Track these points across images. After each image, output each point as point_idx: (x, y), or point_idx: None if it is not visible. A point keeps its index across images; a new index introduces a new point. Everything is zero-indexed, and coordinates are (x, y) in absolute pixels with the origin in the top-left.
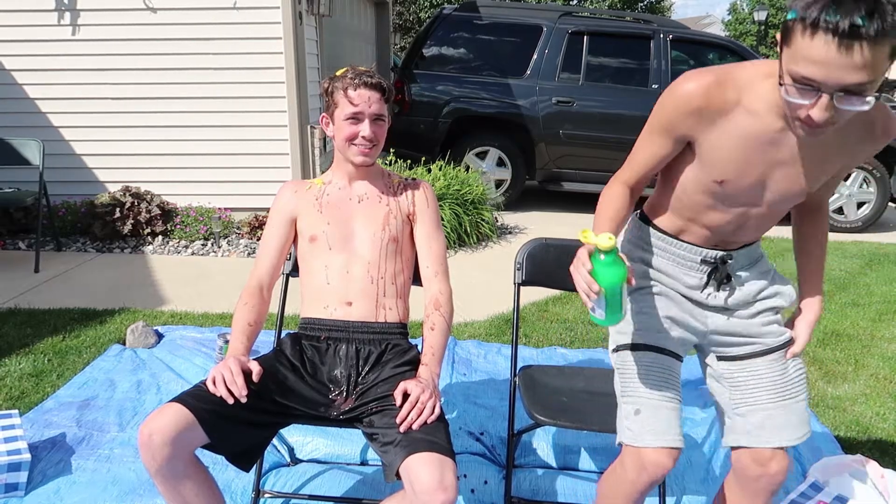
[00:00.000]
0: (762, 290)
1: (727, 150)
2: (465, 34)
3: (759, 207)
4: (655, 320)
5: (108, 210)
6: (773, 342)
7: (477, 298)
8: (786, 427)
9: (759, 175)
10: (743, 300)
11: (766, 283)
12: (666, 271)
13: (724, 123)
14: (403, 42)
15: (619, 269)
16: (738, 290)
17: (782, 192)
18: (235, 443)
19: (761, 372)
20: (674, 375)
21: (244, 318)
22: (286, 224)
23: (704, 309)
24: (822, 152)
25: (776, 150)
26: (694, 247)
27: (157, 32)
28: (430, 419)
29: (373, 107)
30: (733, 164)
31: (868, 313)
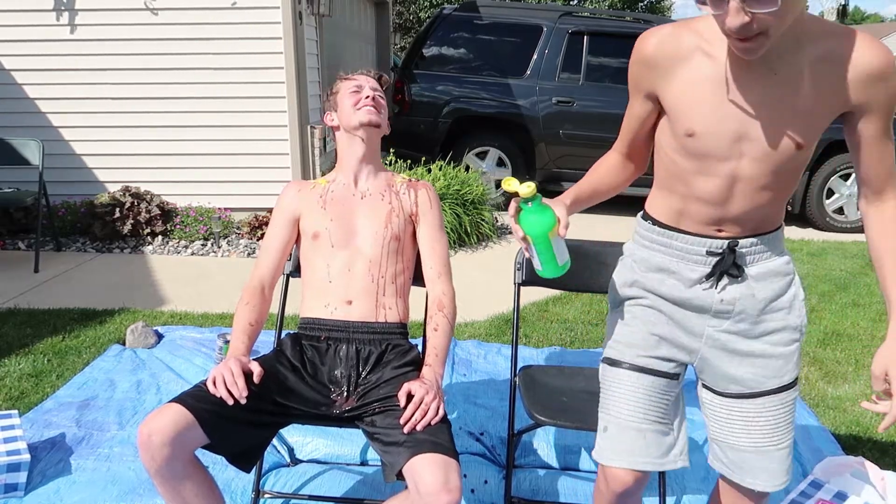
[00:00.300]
0: (775, 298)
1: (690, 98)
2: (465, 34)
3: (745, 166)
4: (639, 337)
5: (108, 210)
6: (772, 384)
7: (477, 298)
8: (762, 472)
9: (732, 124)
10: (750, 308)
11: (781, 289)
12: (668, 268)
13: (682, 71)
14: (403, 42)
15: (543, 218)
16: (745, 290)
17: (764, 144)
18: (235, 443)
19: (749, 415)
20: (655, 396)
21: (245, 317)
22: (289, 223)
23: (703, 315)
24: (793, 92)
25: (742, 93)
26: (698, 238)
27: (157, 32)
28: (434, 420)
29: (371, 82)
30: (699, 113)
31: (868, 313)
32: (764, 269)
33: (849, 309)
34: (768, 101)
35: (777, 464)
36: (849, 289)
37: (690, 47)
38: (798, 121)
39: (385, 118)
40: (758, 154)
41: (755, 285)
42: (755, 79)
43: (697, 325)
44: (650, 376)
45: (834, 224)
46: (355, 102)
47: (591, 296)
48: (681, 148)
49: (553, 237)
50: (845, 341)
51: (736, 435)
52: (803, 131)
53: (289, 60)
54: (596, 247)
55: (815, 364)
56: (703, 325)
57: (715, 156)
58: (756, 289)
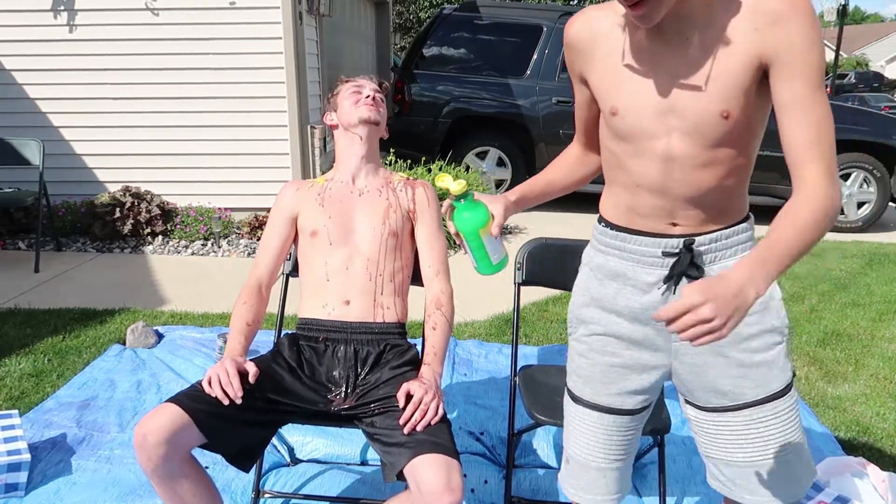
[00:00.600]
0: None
1: (611, 76)
2: (465, 34)
3: (676, 143)
4: (598, 371)
5: (108, 210)
6: (756, 394)
7: (477, 298)
8: (763, 488)
9: (654, 98)
10: None
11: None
12: (624, 273)
13: (602, 50)
14: (403, 42)
15: (475, 215)
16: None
17: (689, 116)
18: (233, 442)
19: (737, 429)
20: (618, 434)
21: (242, 317)
22: (287, 223)
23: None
24: (709, 56)
25: (659, 64)
26: (652, 238)
27: (157, 32)
28: (434, 420)
29: (372, 85)
30: (620, 90)
31: (868, 313)
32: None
33: (849, 309)
34: (685, 70)
35: (778, 478)
36: (849, 289)
37: (608, 25)
38: (718, 86)
39: (384, 119)
40: (686, 128)
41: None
42: (671, 48)
43: (662, 339)
44: (611, 416)
45: (834, 224)
46: (356, 101)
47: None
48: (610, 131)
49: (485, 235)
50: (845, 341)
51: (727, 450)
52: (725, 97)
53: (289, 60)
54: None
55: (815, 364)
56: (669, 337)
57: (643, 134)
58: None
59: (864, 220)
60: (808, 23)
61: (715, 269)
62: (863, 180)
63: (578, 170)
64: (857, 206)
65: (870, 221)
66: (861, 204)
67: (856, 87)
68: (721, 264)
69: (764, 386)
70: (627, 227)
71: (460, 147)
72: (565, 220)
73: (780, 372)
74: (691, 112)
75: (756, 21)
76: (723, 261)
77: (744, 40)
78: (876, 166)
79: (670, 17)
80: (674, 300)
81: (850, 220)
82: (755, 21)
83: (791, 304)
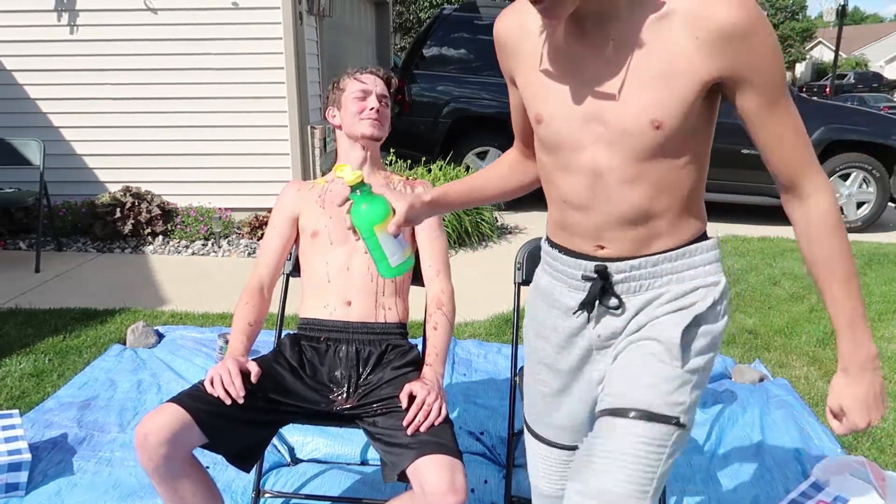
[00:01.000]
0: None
1: (535, 79)
2: (465, 34)
3: (602, 154)
4: (541, 405)
5: (109, 210)
6: (609, 402)
7: (477, 298)
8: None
9: (577, 103)
10: (612, 334)
11: (677, 331)
12: (552, 293)
13: (528, 51)
14: (403, 42)
15: (372, 210)
16: (625, 325)
17: (615, 125)
18: (234, 442)
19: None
20: (557, 466)
21: (244, 317)
22: (288, 223)
23: (590, 354)
24: (637, 60)
25: (582, 67)
26: (575, 259)
27: (157, 32)
28: (437, 421)
29: (378, 87)
30: (544, 94)
31: (868, 313)
32: (653, 299)
33: None
34: (610, 74)
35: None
36: None
37: (535, 24)
38: (647, 93)
39: (386, 128)
40: (612, 137)
41: (643, 320)
42: (593, 49)
43: (594, 370)
44: (558, 449)
45: None
46: (360, 111)
47: None
48: (538, 139)
49: (381, 232)
50: None
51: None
52: (655, 106)
53: (289, 60)
54: None
55: (815, 364)
56: (593, 370)
57: (568, 144)
58: (630, 318)
59: (864, 220)
60: (769, 34)
61: (639, 300)
62: (862, 180)
63: (513, 178)
64: (857, 206)
65: (869, 221)
66: (861, 204)
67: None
68: (650, 293)
69: (615, 396)
70: (559, 244)
71: (460, 147)
72: None
73: (679, 392)
74: (617, 120)
75: (698, 29)
76: (651, 290)
77: (684, 48)
78: (875, 166)
79: (592, 15)
80: (592, 329)
81: (850, 220)
82: (696, 29)
83: (791, 303)
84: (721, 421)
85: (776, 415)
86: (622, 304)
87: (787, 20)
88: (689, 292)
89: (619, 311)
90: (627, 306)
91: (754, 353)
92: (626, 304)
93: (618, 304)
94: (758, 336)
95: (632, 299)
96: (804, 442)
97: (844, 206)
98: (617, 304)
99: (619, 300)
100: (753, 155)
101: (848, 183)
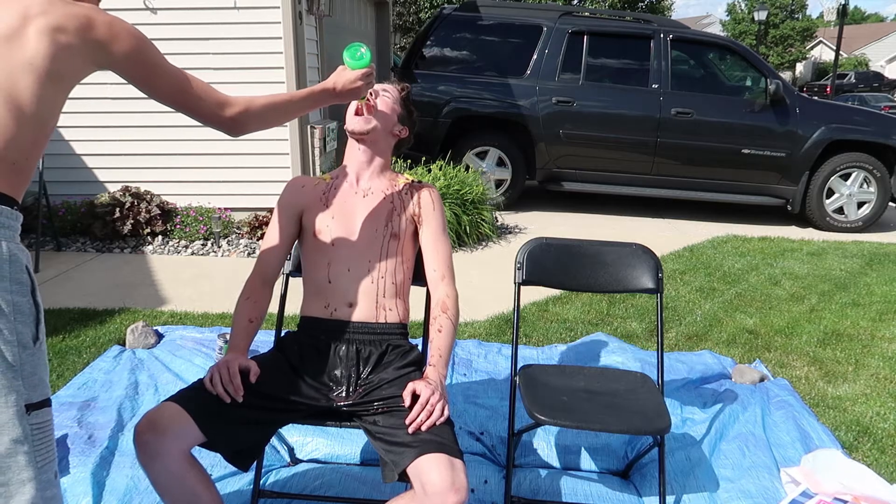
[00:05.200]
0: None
1: None
2: (465, 34)
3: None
4: None
5: (108, 210)
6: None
7: (477, 298)
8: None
9: None
10: None
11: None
12: None
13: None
14: (403, 42)
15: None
16: None
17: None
18: (232, 441)
19: None
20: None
21: (246, 314)
22: (292, 218)
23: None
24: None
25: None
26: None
27: (157, 32)
28: (440, 421)
29: (384, 86)
30: None
31: (868, 313)
32: None
33: (849, 309)
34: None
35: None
36: (849, 289)
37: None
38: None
39: (374, 122)
40: None
41: None
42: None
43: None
44: None
45: (834, 224)
46: (356, 110)
47: (591, 296)
48: None
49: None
50: (845, 341)
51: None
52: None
53: (289, 60)
54: (596, 247)
55: (815, 364)
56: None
57: None
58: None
59: (864, 220)
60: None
61: None
62: (863, 180)
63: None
64: (857, 206)
65: (870, 221)
66: (861, 204)
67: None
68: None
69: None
70: None
71: (460, 147)
72: (565, 220)
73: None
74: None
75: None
76: None
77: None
78: (876, 166)
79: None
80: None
81: (851, 220)
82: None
83: (791, 303)
84: (721, 418)
85: (777, 415)
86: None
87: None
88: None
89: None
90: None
91: (754, 353)
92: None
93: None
94: (758, 336)
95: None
96: (804, 442)
97: (845, 206)
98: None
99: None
100: (753, 155)
101: (848, 183)
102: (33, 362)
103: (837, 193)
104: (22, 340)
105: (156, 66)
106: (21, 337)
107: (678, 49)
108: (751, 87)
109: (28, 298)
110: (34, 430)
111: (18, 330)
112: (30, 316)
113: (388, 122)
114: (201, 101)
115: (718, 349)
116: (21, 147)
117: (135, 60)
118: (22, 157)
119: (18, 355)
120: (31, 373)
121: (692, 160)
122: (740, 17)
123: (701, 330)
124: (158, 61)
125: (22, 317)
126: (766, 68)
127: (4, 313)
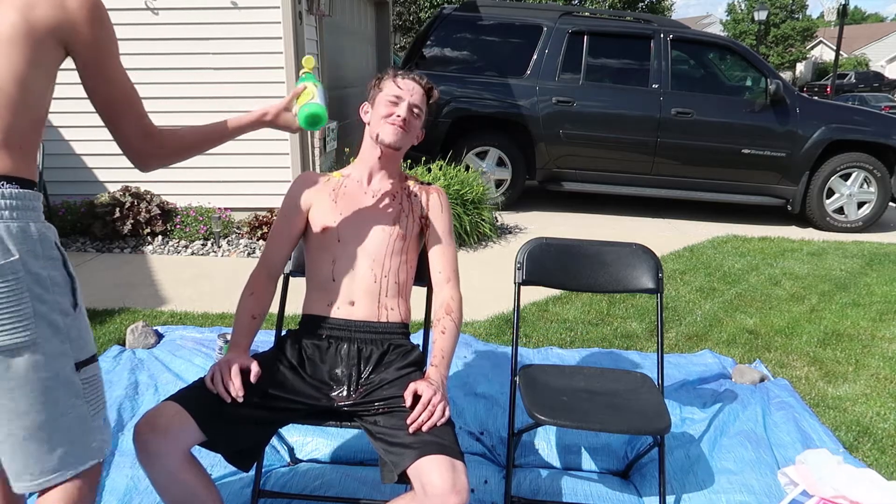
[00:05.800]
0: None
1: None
2: (465, 34)
3: None
4: None
5: (108, 210)
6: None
7: (477, 298)
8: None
9: None
10: None
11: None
12: None
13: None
14: (403, 42)
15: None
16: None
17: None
18: (233, 441)
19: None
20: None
21: (248, 310)
22: (299, 213)
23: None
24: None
25: None
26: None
27: (157, 32)
28: (441, 422)
29: (414, 97)
30: None
31: (869, 313)
32: None
33: (849, 309)
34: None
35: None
36: (849, 289)
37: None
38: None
39: (410, 138)
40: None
41: None
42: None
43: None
44: None
45: (834, 224)
46: (387, 115)
47: (591, 296)
48: None
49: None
50: (845, 341)
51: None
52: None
53: (289, 60)
54: (596, 247)
55: (815, 364)
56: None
57: None
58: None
59: (865, 220)
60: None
61: None
62: (863, 180)
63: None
64: (858, 206)
65: (870, 221)
66: (861, 204)
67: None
68: None
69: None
70: None
71: (460, 147)
72: (565, 220)
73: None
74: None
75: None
76: None
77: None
78: (876, 166)
79: None
80: None
81: (851, 220)
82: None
83: (791, 303)
84: (721, 417)
85: (777, 415)
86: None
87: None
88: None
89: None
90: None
91: (755, 353)
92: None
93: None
94: (758, 336)
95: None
96: (805, 442)
97: (845, 206)
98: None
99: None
100: (754, 155)
101: (849, 183)
102: (77, 326)
103: (837, 193)
104: (63, 309)
105: (116, 66)
106: (62, 306)
107: (678, 49)
108: (751, 87)
109: (61, 271)
110: (84, 385)
111: (59, 300)
112: (66, 286)
113: (415, 135)
114: (133, 123)
115: (718, 349)
116: (23, 132)
117: (99, 48)
118: (25, 140)
119: (63, 322)
120: (77, 336)
121: (692, 160)
122: (740, 17)
123: (701, 330)
124: (119, 62)
125: (59, 288)
126: (767, 68)
127: (46, 287)
